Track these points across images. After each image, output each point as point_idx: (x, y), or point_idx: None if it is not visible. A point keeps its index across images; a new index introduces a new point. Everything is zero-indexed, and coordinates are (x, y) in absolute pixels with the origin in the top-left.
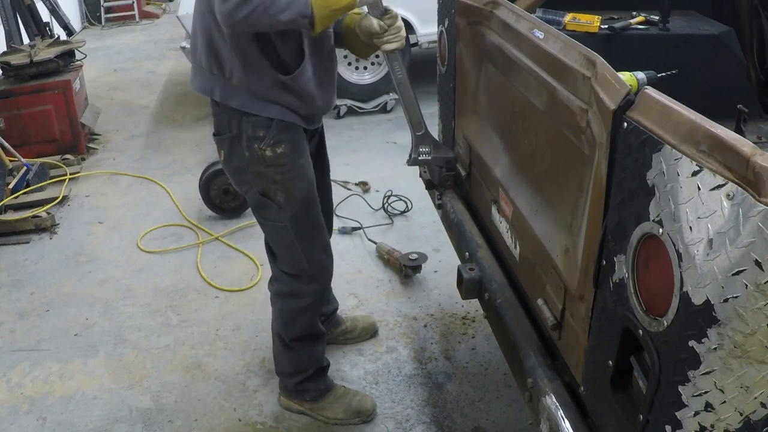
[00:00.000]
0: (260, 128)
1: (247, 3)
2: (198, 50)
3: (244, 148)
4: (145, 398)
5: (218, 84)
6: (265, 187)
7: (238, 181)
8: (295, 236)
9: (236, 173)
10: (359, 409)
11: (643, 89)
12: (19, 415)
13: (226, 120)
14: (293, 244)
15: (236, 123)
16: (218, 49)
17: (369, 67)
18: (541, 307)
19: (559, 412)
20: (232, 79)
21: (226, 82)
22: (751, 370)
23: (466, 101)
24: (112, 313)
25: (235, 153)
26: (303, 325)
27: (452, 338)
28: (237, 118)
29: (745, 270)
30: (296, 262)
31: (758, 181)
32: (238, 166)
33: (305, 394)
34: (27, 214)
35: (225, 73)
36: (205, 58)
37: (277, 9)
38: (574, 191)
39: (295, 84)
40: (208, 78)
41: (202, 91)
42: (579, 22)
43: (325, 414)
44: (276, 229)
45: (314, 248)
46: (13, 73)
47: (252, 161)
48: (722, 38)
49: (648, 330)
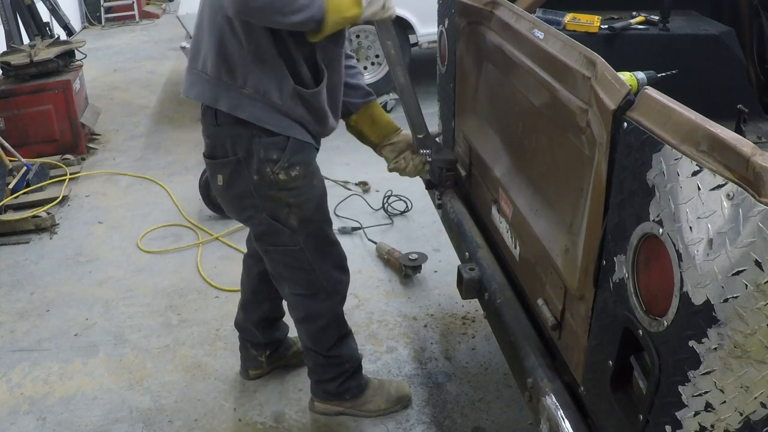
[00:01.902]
0: (274, 150)
1: None
2: (203, 54)
3: (253, 172)
4: (145, 398)
5: (227, 93)
6: (276, 211)
7: (239, 208)
8: (311, 257)
9: (239, 199)
10: (399, 395)
11: (643, 89)
12: (19, 415)
13: (229, 142)
14: (309, 266)
15: (244, 145)
16: (230, 54)
17: (369, 67)
18: (541, 307)
19: (559, 412)
20: (245, 87)
21: (237, 91)
22: (751, 370)
23: (466, 101)
24: (112, 313)
25: (239, 178)
26: (333, 335)
27: (452, 338)
28: (245, 138)
29: (745, 270)
30: (312, 283)
31: (758, 181)
32: (243, 192)
33: (346, 394)
34: (27, 214)
35: (237, 80)
36: (213, 64)
37: (294, 7)
38: (574, 191)
39: (313, 99)
40: (214, 85)
41: (204, 99)
42: (579, 22)
43: (368, 408)
44: (289, 253)
45: (331, 266)
46: (13, 73)
47: (262, 185)
48: (722, 38)
49: (648, 330)
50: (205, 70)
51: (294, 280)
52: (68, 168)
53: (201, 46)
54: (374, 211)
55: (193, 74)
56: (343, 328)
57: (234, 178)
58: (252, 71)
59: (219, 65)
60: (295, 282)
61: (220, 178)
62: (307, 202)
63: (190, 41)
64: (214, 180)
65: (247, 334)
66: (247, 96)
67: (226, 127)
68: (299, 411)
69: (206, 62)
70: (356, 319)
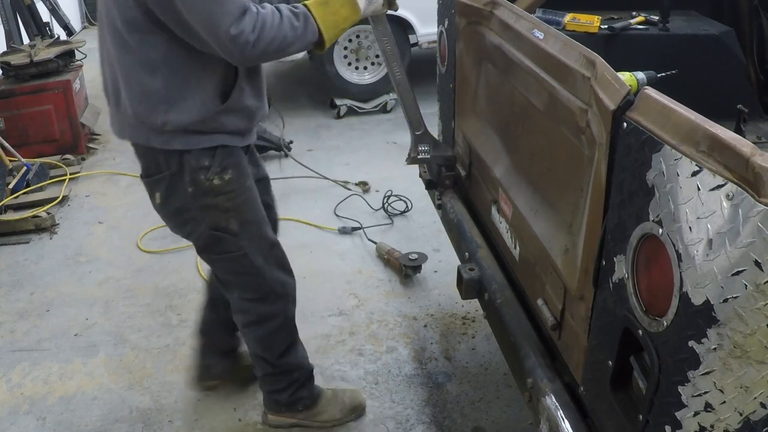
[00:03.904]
0: (205, 157)
1: (258, 42)
2: (123, 96)
3: (187, 183)
4: (145, 398)
5: (154, 133)
6: (215, 220)
7: (179, 223)
8: (256, 260)
9: (177, 214)
10: (353, 404)
11: (642, 89)
12: (19, 415)
13: (162, 159)
14: (255, 269)
15: (176, 159)
16: (146, 93)
17: (369, 67)
18: (540, 307)
19: (558, 412)
20: (167, 125)
21: (161, 131)
22: (751, 371)
23: (466, 101)
24: (112, 313)
25: (175, 191)
26: (283, 341)
27: (452, 338)
28: (176, 153)
29: (744, 270)
30: (260, 286)
31: (758, 182)
32: (180, 206)
33: (298, 404)
34: (27, 214)
35: (158, 120)
36: (131, 106)
37: (288, 42)
38: (574, 191)
39: (236, 105)
40: (140, 128)
41: (138, 140)
42: (579, 22)
43: (322, 418)
44: (233, 259)
45: (275, 267)
46: (13, 73)
47: (198, 195)
48: (722, 38)
49: (648, 330)
50: (127, 112)
51: (242, 285)
52: (68, 168)
53: (118, 86)
54: (374, 211)
55: (119, 115)
56: (293, 334)
57: (170, 193)
58: (170, 107)
59: (137, 107)
60: (244, 287)
61: (158, 196)
62: (244, 203)
63: (106, 78)
64: (153, 199)
65: (212, 336)
66: (172, 132)
67: (157, 149)
68: None
69: (126, 104)
70: (356, 319)
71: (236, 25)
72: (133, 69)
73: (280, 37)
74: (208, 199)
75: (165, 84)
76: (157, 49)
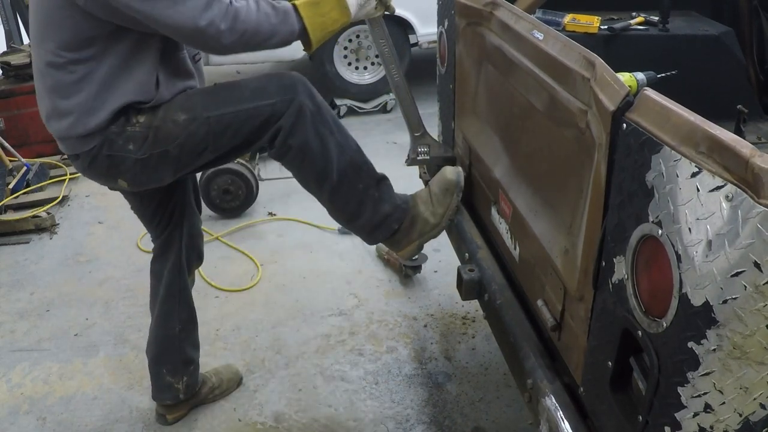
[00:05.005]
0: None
1: (232, 31)
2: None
3: (160, 124)
4: (145, 398)
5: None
6: (172, 133)
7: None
8: (224, 109)
9: (160, 161)
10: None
11: (642, 90)
12: (19, 415)
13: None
14: (232, 116)
15: (115, 137)
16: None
17: (369, 67)
18: (540, 308)
19: (558, 413)
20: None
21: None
22: (750, 371)
23: (466, 102)
24: (112, 313)
25: (123, 153)
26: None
27: (452, 338)
28: (112, 135)
29: (744, 271)
30: (259, 111)
31: (757, 183)
32: (161, 152)
33: (391, 219)
34: (27, 214)
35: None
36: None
37: (264, 36)
38: (574, 192)
39: (163, 98)
40: (82, 141)
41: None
42: (578, 22)
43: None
44: (210, 130)
45: (249, 93)
46: (13, 73)
47: (137, 138)
48: (722, 38)
49: (647, 331)
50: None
51: (249, 130)
52: (68, 168)
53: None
54: None
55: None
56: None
57: (121, 160)
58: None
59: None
60: (253, 130)
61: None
62: (171, 104)
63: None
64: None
65: (167, 354)
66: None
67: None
68: (299, 411)
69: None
70: (356, 319)
71: (203, 17)
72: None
73: (252, 27)
74: (155, 133)
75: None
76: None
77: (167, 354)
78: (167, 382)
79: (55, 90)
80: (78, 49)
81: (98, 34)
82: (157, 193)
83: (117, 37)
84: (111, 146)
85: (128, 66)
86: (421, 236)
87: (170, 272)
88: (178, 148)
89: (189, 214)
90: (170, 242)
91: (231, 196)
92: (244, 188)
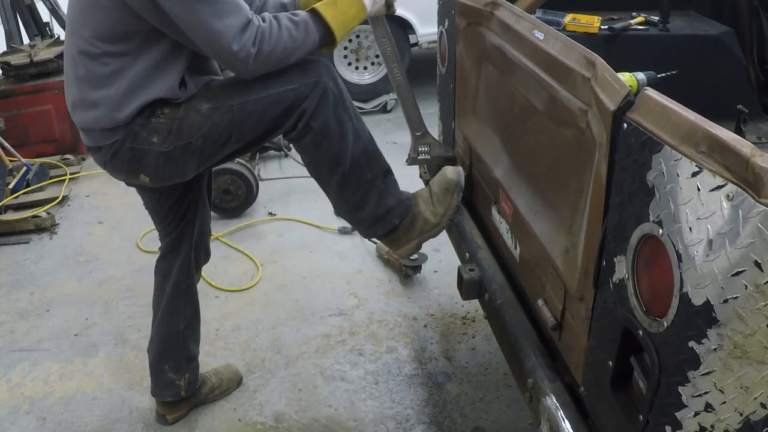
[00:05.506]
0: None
1: (259, 55)
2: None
3: (185, 115)
4: (145, 398)
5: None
6: (197, 122)
7: (207, 154)
8: (254, 95)
9: (187, 153)
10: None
11: (642, 90)
12: (19, 415)
13: (129, 137)
14: (258, 102)
15: (140, 130)
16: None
17: (369, 67)
18: (541, 307)
19: (559, 412)
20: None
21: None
22: (751, 371)
23: (466, 102)
24: (112, 313)
25: (148, 148)
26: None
27: (452, 338)
28: (137, 127)
29: (744, 271)
30: (285, 95)
31: (758, 182)
32: (185, 144)
33: (393, 215)
34: (27, 214)
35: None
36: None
37: (290, 51)
38: (574, 192)
39: (190, 94)
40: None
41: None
42: (579, 22)
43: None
44: (244, 114)
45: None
46: (13, 73)
47: (172, 127)
48: (722, 38)
49: (648, 330)
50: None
51: (273, 117)
52: (68, 168)
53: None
54: None
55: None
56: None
57: (146, 154)
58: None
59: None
60: (276, 116)
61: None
62: (195, 95)
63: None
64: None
65: (171, 351)
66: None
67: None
68: (299, 411)
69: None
70: (356, 319)
71: (237, 41)
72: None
73: (279, 48)
74: (182, 124)
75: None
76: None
77: (171, 351)
78: (169, 379)
79: (85, 80)
80: (114, 42)
81: (136, 31)
82: (176, 188)
83: (154, 37)
84: (135, 139)
85: (162, 67)
86: (420, 235)
87: (179, 269)
88: (202, 139)
89: (202, 210)
90: (181, 239)
91: (231, 196)
92: (244, 188)
